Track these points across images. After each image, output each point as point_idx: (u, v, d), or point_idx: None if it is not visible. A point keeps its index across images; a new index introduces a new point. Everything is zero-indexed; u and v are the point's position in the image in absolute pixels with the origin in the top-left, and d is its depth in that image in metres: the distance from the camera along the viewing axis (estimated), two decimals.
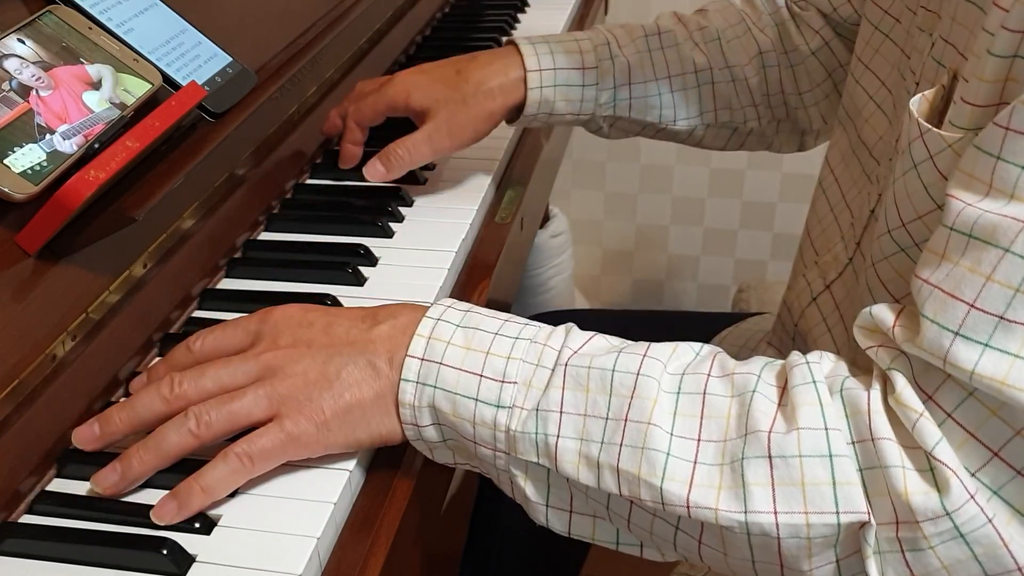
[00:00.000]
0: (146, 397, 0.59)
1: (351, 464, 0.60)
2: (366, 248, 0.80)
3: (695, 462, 0.54)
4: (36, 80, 0.66)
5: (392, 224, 0.85)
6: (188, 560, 0.54)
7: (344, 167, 0.92)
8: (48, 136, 0.64)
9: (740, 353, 1.00)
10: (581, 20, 1.39)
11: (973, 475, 0.50)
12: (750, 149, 0.99)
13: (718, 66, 0.92)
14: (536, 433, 0.56)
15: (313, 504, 0.57)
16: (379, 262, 0.80)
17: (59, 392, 0.60)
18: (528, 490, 0.59)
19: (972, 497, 0.49)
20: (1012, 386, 0.48)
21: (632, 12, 1.84)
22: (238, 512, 0.57)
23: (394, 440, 0.60)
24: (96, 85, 0.70)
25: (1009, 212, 0.49)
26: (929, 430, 0.50)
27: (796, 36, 0.92)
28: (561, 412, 0.56)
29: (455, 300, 0.63)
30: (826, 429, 0.52)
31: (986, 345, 0.48)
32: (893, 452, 0.51)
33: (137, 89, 0.72)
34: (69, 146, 0.65)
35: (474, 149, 0.92)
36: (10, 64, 0.65)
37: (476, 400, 0.57)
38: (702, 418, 0.55)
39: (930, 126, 0.57)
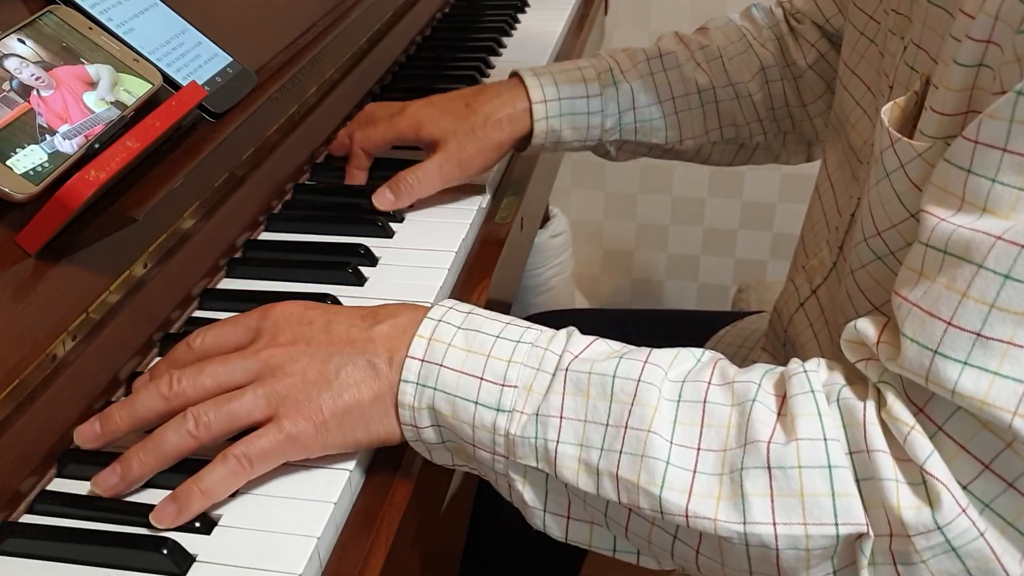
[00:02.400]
0: (145, 395, 0.59)
1: (351, 464, 0.60)
2: (366, 248, 0.80)
3: (695, 471, 0.54)
4: (36, 80, 0.66)
5: (392, 224, 0.85)
6: (188, 560, 0.54)
7: (350, 183, 0.92)
8: (49, 137, 0.64)
9: (739, 352, 1.00)
10: (581, 20, 1.39)
11: (965, 488, 0.50)
12: (757, 163, 0.99)
13: (721, 84, 0.93)
14: (536, 438, 0.56)
15: (313, 504, 0.57)
16: (379, 262, 0.80)
17: (59, 392, 0.61)
18: (526, 495, 0.59)
19: (964, 511, 0.49)
20: (991, 405, 0.48)
21: (632, 12, 1.84)
22: (238, 512, 0.57)
23: (392, 441, 0.60)
24: (97, 85, 0.70)
25: (981, 227, 0.49)
26: (920, 443, 0.50)
27: (795, 51, 0.93)
28: (561, 417, 0.56)
29: (456, 301, 0.63)
30: (825, 440, 0.52)
31: (965, 363, 0.48)
32: (887, 465, 0.51)
33: (137, 89, 0.72)
34: (70, 146, 0.65)
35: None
36: (10, 64, 0.66)
37: (476, 403, 0.57)
38: (702, 427, 0.54)
39: (899, 135, 0.57)
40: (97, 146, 0.66)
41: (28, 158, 0.62)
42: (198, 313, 0.75)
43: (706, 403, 0.55)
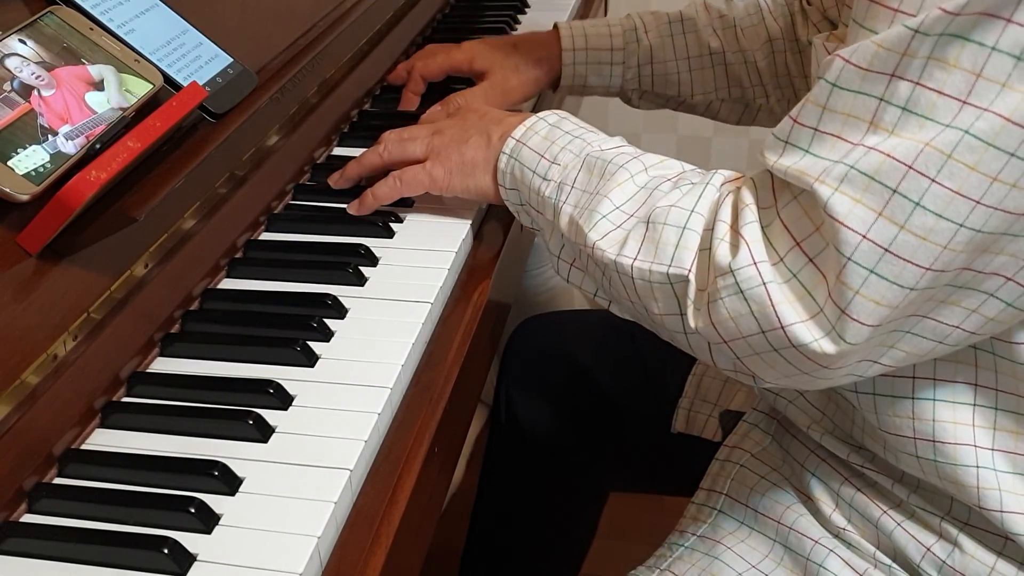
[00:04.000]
0: (369, 152, 0.87)
1: (351, 463, 0.60)
2: (366, 248, 0.81)
3: (618, 226, 0.69)
4: (37, 79, 0.66)
5: (392, 224, 0.85)
6: (189, 559, 0.54)
7: (402, 108, 1.06)
8: (51, 137, 0.64)
9: None
10: (581, 20, 1.39)
11: (781, 259, 0.60)
12: (762, 125, 1.09)
13: (731, 50, 1.05)
14: (554, 199, 0.74)
15: (314, 503, 0.57)
16: (379, 262, 0.80)
17: (60, 392, 0.61)
18: (551, 244, 0.76)
19: (755, 263, 0.61)
20: (806, 174, 0.59)
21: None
22: (239, 511, 0.57)
23: (488, 195, 0.82)
24: (98, 85, 0.70)
25: (842, 52, 0.58)
26: (747, 215, 0.63)
27: (801, 27, 1.02)
28: (572, 187, 0.74)
29: (559, 110, 0.81)
30: (692, 212, 0.66)
31: (806, 151, 0.60)
32: (721, 229, 0.64)
33: (138, 89, 0.72)
34: (71, 147, 0.65)
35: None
36: (11, 64, 0.66)
37: (534, 172, 0.77)
38: (643, 204, 0.69)
39: (832, 43, 0.67)
40: (98, 146, 0.66)
41: (29, 158, 0.62)
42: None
43: (655, 190, 0.69)
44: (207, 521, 0.56)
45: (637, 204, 0.70)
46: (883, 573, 0.72)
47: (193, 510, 0.56)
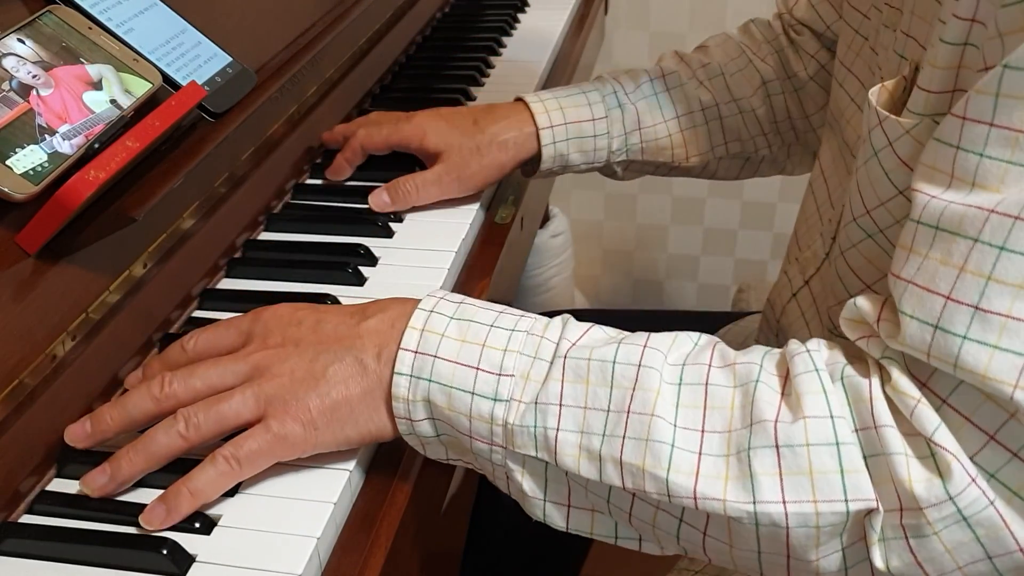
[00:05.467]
0: (136, 396, 0.59)
1: (351, 464, 0.60)
2: (366, 248, 0.80)
3: (700, 453, 0.53)
4: (35, 79, 0.66)
5: (392, 224, 0.85)
6: (188, 560, 0.54)
7: (330, 177, 0.93)
8: (49, 137, 0.64)
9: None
10: (581, 20, 1.39)
11: (971, 459, 0.50)
12: (763, 175, 1.00)
13: (724, 101, 0.94)
14: (535, 427, 0.56)
15: (313, 504, 0.57)
16: (379, 262, 0.80)
17: (59, 392, 0.60)
18: (525, 485, 0.58)
19: (974, 481, 0.49)
20: (993, 378, 0.48)
21: (632, 12, 1.84)
22: (238, 512, 0.57)
23: (384, 437, 0.60)
24: (96, 85, 0.70)
25: (972, 201, 0.49)
26: (927, 416, 0.50)
27: (795, 63, 0.94)
28: (561, 405, 0.56)
29: (447, 292, 0.63)
30: (832, 417, 0.52)
31: (964, 337, 0.48)
32: (895, 439, 0.51)
33: (137, 89, 0.72)
34: (70, 146, 0.65)
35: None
36: (9, 63, 0.65)
37: (473, 393, 0.57)
38: (705, 409, 0.54)
39: (888, 113, 0.58)
40: (97, 146, 0.66)
41: (28, 158, 0.62)
42: (198, 313, 0.75)
43: (708, 385, 0.55)
44: (206, 522, 0.56)
45: (698, 412, 0.54)
46: None
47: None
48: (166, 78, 0.75)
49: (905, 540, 0.51)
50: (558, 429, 0.56)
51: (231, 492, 0.58)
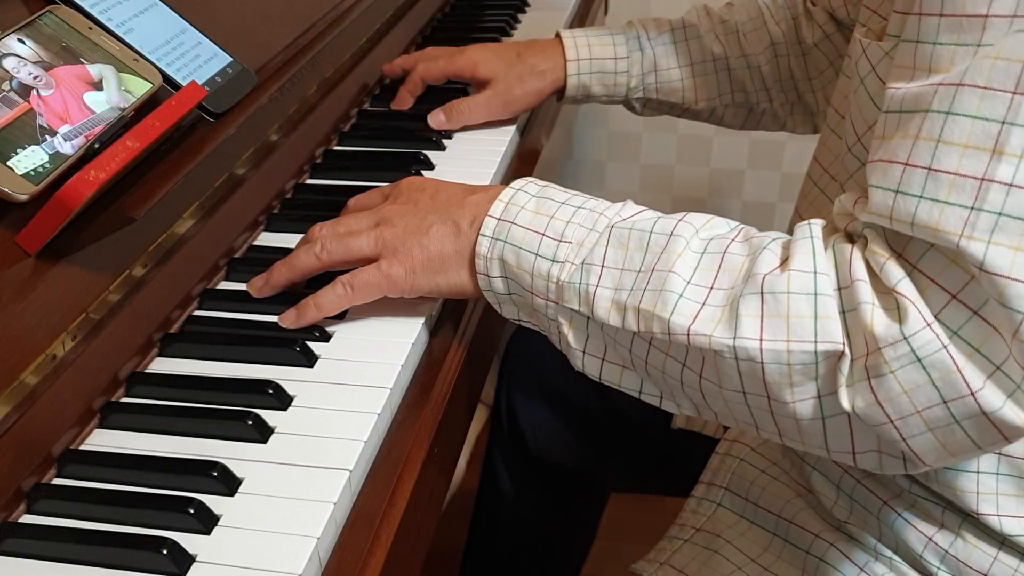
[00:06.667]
0: (301, 254, 0.73)
1: (351, 464, 0.60)
2: None
3: (703, 303, 0.60)
4: (35, 79, 0.66)
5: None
6: (188, 560, 0.54)
7: (394, 107, 1.06)
8: (49, 137, 0.64)
9: None
10: (581, 20, 1.39)
11: (936, 317, 0.54)
12: (766, 129, 1.10)
13: (734, 55, 1.05)
14: (580, 283, 0.65)
15: (313, 504, 0.57)
16: None
17: (59, 392, 0.60)
18: (570, 337, 0.67)
19: (928, 325, 0.53)
20: (942, 230, 0.52)
21: (632, 12, 1.84)
22: (238, 512, 0.57)
23: (465, 291, 0.71)
24: (97, 85, 0.70)
25: (929, 81, 0.55)
26: (893, 270, 0.55)
27: (805, 30, 1.02)
28: (603, 267, 0.64)
29: (535, 178, 0.72)
30: (815, 272, 0.57)
31: (920, 197, 0.53)
32: (865, 291, 0.56)
33: (137, 89, 0.72)
34: (70, 147, 0.65)
35: (474, 149, 0.98)
36: (10, 63, 0.66)
37: (536, 255, 0.66)
38: (718, 272, 0.61)
39: (869, 40, 0.65)
40: (97, 146, 0.66)
41: (28, 158, 0.62)
42: (198, 313, 0.75)
43: (726, 253, 0.62)
44: (206, 522, 0.56)
45: (712, 274, 0.61)
46: (884, 565, 0.72)
47: (192, 511, 0.56)
48: (166, 78, 0.75)
49: (868, 381, 0.55)
50: (597, 286, 0.64)
51: (231, 492, 0.58)
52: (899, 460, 0.58)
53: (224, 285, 0.78)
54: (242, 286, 0.78)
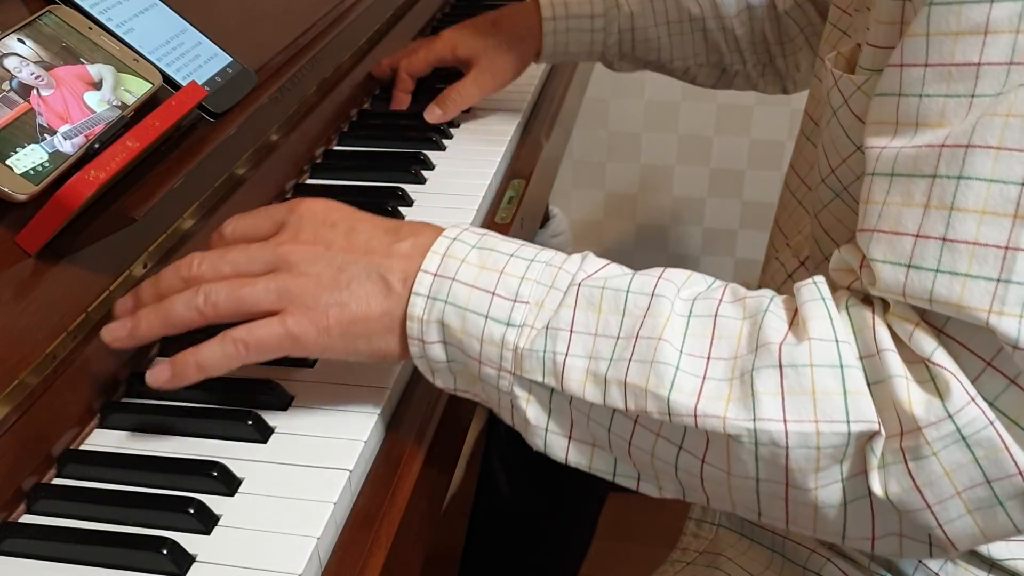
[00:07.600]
0: (167, 276, 0.61)
1: (351, 464, 0.60)
2: None
3: (704, 377, 0.53)
4: (36, 79, 0.66)
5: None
6: (188, 560, 0.54)
7: (394, 108, 1.06)
8: (49, 136, 0.64)
9: None
10: None
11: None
12: (738, 88, 1.12)
13: (710, 16, 1.05)
14: (544, 351, 0.56)
15: (313, 504, 0.57)
16: None
17: (59, 392, 0.60)
18: (529, 413, 0.58)
19: (973, 400, 0.48)
20: (967, 307, 0.48)
21: None
22: (238, 512, 0.57)
23: (392, 358, 0.61)
24: (97, 85, 0.70)
25: (920, 141, 0.50)
26: (925, 339, 0.50)
27: None
28: (571, 331, 0.56)
29: (470, 225, 0.64)
30: (836, 341, 0.51)
31: (936, 271, 0.49)
32: (896, 363, 0.50)
33: (137, 89, 0.72)
34: (70, 146, 0.65)
35: (474, 149, 0.98)
36: (10, 63, 0.66)
37: (487, 317, 0.57)
38: (713, 338, 0.54)
39: (841, 72, 0.62)
40: (97, 146, 0.66)
41: (28, 158, 0.62)
42: None
43: (717, 316, 0.55)
44: (206, 522, 0.56)
45: (705, 341, 0.54)
46: None
47: (192, 511, 0.56)
48: (166, 78, 0.76)
49: (904, 464, 0.50)
50: (567, 354, 0.55)
51: (231, 492, 0.58)
52: (924, 545, 0.53)
53: None
54: None
